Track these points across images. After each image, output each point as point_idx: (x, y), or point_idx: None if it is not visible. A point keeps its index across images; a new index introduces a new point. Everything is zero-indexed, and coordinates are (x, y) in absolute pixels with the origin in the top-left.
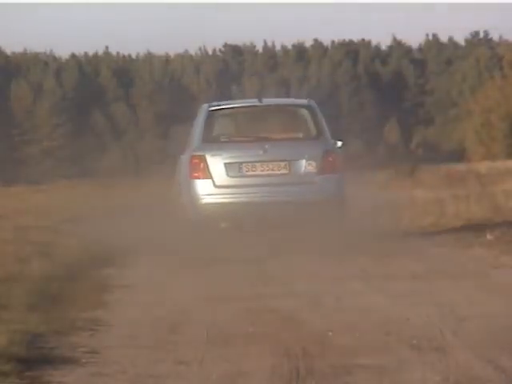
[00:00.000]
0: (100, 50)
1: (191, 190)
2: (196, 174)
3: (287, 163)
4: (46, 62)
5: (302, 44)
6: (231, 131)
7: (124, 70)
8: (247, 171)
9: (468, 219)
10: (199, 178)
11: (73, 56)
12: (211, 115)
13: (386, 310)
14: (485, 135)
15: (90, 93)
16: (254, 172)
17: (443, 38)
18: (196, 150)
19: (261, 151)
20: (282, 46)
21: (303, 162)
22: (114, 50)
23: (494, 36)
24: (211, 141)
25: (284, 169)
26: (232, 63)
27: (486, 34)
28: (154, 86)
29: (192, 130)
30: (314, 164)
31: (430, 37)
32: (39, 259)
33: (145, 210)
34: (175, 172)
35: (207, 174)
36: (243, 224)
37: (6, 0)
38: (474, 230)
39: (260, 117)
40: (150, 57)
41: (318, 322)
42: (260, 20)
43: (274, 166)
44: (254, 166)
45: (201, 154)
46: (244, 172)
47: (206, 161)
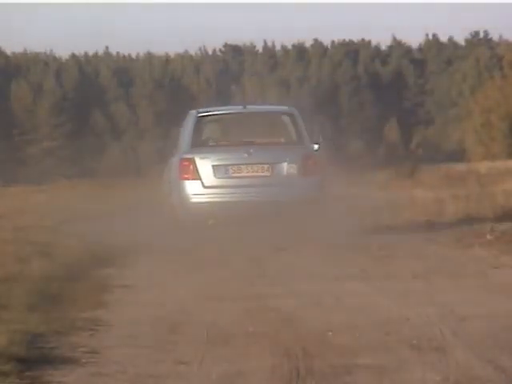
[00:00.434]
0: (100, 50)
1: (181, 190)
2: (186, 176)
3: (270, 166)
4: (46, 62)
5: (302, 44)
6: (218, 136)
7: (124, 70)
8: (233, 173)
9: (468, 219)
10: (189, 179)
11: (73, 56)
12: (199, 121)
13: (385, 310)
14: (485, 135)
15: (90, 93)
16: (239, 174)
17: (443, 38)
18: (186, 153)
19: (246, 154)
20: (282, 46)
21: (285, 165)
22: (114, 50)
23: (494, 36)
24: (200, 145)
25: (267, 171)
26: (232, 63)
27: (486, 33)
28: (153, 85)
29: (181, 134)
30: (295, 166)
31: (430, 37)
32: (39, 259)
33: (144, 210)
34: (164, 173)
35: (196, 176)
36: (229, 221)
37: (6, 0)
38: (473, 230)
39: (244, 122)
40: (149, 57)
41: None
42: (260, 20)
43: (257, 169)
44: (239, 169)
45: (190, 156)
46: (230, 174)
47: (195, 163)
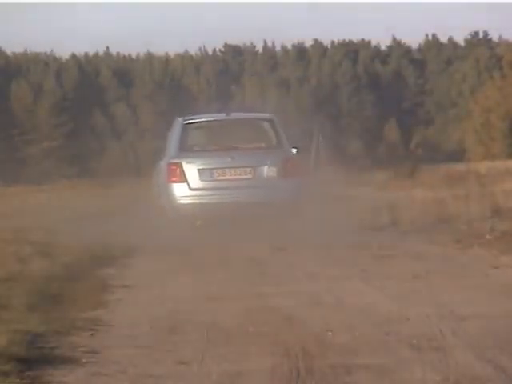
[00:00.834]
0: (100, 50)
1: (169, 192)
2: (173, 179)
3: (252, 169)
4: (46, 62)
5: (302, 44)
6: (203, 141)
7: (124, 70)
8: (218, 176)
9: (468, 219)
10: (176, 182)
11: (73, 56)
12: (186, 127)
13: (385, 310)
14: (484, 135)
15: (90, 93)
16: (223, 177)
17: (443, 38)
18: (173, 157)
19: (229, 159)
20: (282, 46)
21: (265, 168)
22: (114, 50)
23: (494, 36)
24: (186, 150)
25: (249, 174)
26: (232, 63)
27: (486, 34)
28: (153, 86)
29: (168, 140)
30: (275, 170)
31: (430, 37)
32: (39, 259)
33: (144, 210)
34: (153, 176)
35: (183, 179)
36: (214, 221)
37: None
38: (473, 230)
39: (228, 129)
40: (149, 57)
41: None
42: (260, 20)
43: (240, 172)
44: (223, 172)
45: (177, 161)
46: (215, 177)
47: (182, 167)
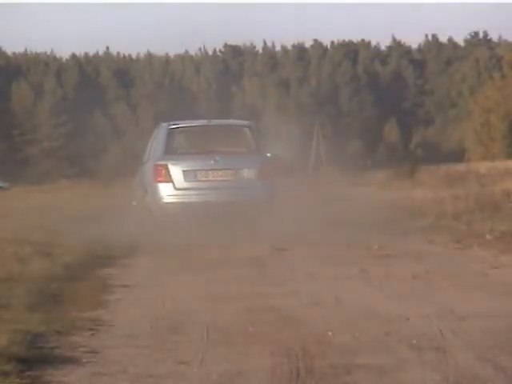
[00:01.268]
0: (100, 50)
1: (156, 191)
2: (160, 179)
3: (233, 171)
4: (46, 63)
5: (302, 44)
6: (187, 145)
7: (124, 70)
8: (201, 177)
9: (467, 219)
10: (162, 182)
11: (73, 56)
12: (171, 132)
13: (385, 310)
14: (484, 135)
15: (90, 93)
16: (206, 178)
17: (443, 39)
18: (160, 159)
19: (212, 161)
20: (282, 46)
21: (245, 171)
22: (114, 50)
23: (494, 36)
24: (172, 152)
25: (230, 176)
26: (232, 63)
27: (486, 34)
28: (154, 86)
29: (153, 143)
30: (254, 172)
31: (430, 37)
32: (39, 259)
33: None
34: (136, 177)
35: (169, 179)
36: (198, 219)
37: (6, 0)
38: (473, 230)
39: (209, 134)
40: (149, 57)
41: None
42: (260, 20)
43: (222, 174)
44: (206, 173)
45: (163, 163)
46: (198, 178)
47: (168, 168)
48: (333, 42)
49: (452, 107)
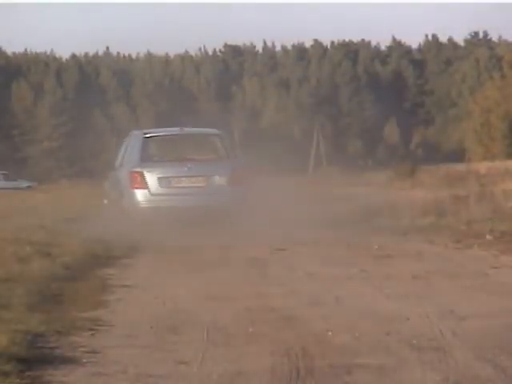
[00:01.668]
0: (100, 50)
1: (132, 197)
2: (136, 185)
3: (205, 178)
4: (46, 63)
5: (302, 44)
6: (161, 153)
7: (124, 70)
8: (175, 183)
9: (467, 219)
10: (138, 188)
11: (73, 56)
12: (145, 140)
13: (385, 310)
14: (484, 135)
15: (90, 93)
16: (180, 184)
17: (443, 38)
18: (135, 167)
19: (185, 168)
20: (282, 46)
21: (217, 177)
22: (114, 50)
23: (494, 36)
24: (147, 160)
25: (202, 182)
26: (232, 63)
27: (486, 34)
28: (154, 86)
29: (128, 150)
30: (225, 179)
31: (430, 37)
32: (39, 259)
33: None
34: (109, 182)
35: (144, 185)
36: (172, 222)
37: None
38: (473, 230)
39: (182, 142)
40: (149, 57)
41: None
42: (260, 20)
43: (195, 180)
44: (180, 180)
45: (139, 170)
46: (172, 184)
47: (144, 175)
48: (333, 42)
49: (452, 107)
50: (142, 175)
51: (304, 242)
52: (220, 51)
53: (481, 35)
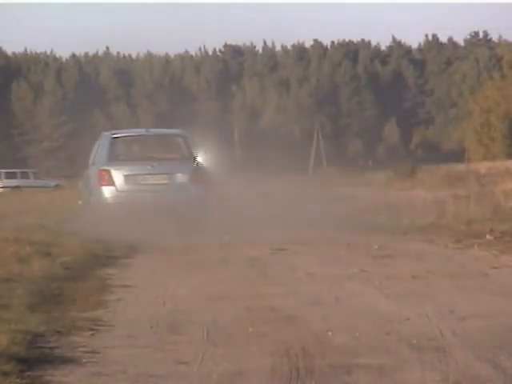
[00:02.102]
0: (100, 50)
1: (100, 193)
2: (104, 183)
3: (168, 176)
4: (46, 63)
5: (302, 44)
6: (128, 152)
7: (124, 70)
8: (140, 181)
9: (467, 219)
10: (106, 185)
11: (73, 56)
12: (113, 141)
13: (385, 310)
14: (484, 135)
15: (90, 93)
16: (145, 182)
17: (443, 38)
18: (103, 165)
19: (150, 167)
20: (282, 46)
21: (179, 175)
22: (114, 50)
23: (494, 36)
24: (114, 159)
25: (166, 180)
26: (232, 63)
27: (486, 34)
28: (154, 86)
29: (97, 151)
30: (186, 176)
31: (430, 37)
32: (39, 259)
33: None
34: (83, 181)
35: (112, 183)
36: (138, 218)
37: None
38: (473, 230)
39: (147, 142)
40: (150, 57)
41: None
42: (260, 20)
43: (158, 178)
44: (144, 178)
45: (107, 168)
46: (138, 181)
47: (111, 173)
48: (333, 42)
49: (452, 107)
50: (109, 173)
51: (304, 241)
52: (220, 51)
53: (481, 35)
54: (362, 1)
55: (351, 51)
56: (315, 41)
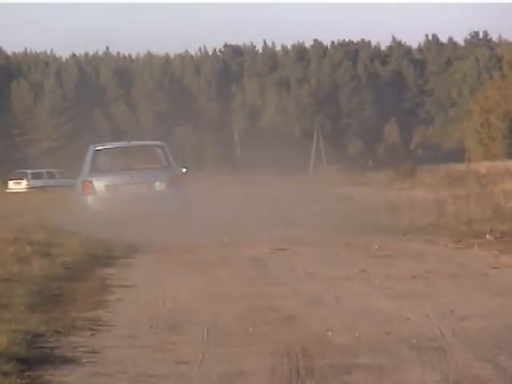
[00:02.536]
0: (100, 50)
1: (84, 201)
2: (87, 192)
3: (147, 184)
4: (46, 62)
5: (302, 44)
6: (109, 163)
7: (124, 70)
8: (120, 190)
9: (467, 219)
10: (89, 195)
11: (73, 56)
12: (96, 153)
13: (385, 310)
14: (484, 135)
15: (90, 93)
16: (124, 190)
17: (443, 38)
18: (86, 176)
19: (129, 176)
20: (282, 46)
21: (157, 183)
22: (114, 50)
23: (494, 36)
24: (96, 170)
25: (144, 188)
26: (232, 63)
27: (486, 34)
28: (154, 86)
29: (84, 163)
30: (164, 184)
31: (430, 37)
32: (39, 259)
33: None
34: (73, 192)
35: (94, 192)
36: (119, 224)
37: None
38: (473, 230)
39: (128, 153)
40: (150, 57)
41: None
42: (260, 20)
43: (138, 187)
44: (124, 187)
45: (90, 179)
46: (118, 190)
47: (93, 183)
48: (333, 42)
49: (452, 107)
50: (91, 183)
51: (304, 241)
52: (220, 51)
53: (481, 35)
54: (362, 1)
55: (351, 51)
56: (315, 41)
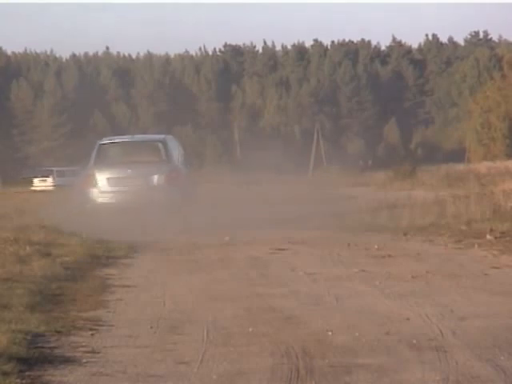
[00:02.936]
0: (100, 50)
1: (87, 194)
2: (89, 185)
3: (145, 178)
4: (46, 62)
5: (302, 44)
6: (113, 157)
7: (124, 70)
8: (121, 183)
9: (467, 219)
10: (91, 187)
11: (73, 56)
12: (100, 147)
13: (385, 310)
14: (484, 135)
15: (90, 93)
16: (124, 183)
17: (443, 38)
18: (90, 169)
19: (129, 170)
20: (282, 46)
21: (156, 177)
22: (114, 50)
23: (494, 36)
24: (100, 163)
25: (143, 181)
26: (232, 63)
27: (486, 34)
28: (154, 85)
29: (90, 157)
30: (163, 178)
31: (430, 37)
32: (39, 259)
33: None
34: (77, 183)
35: (96, 185)
36: (119, 215)
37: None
38: (473, 230)
39: (131, 147)
40: (150, 57)
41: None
42: (260, 20)
43: (137, 180)
44: (125, 180)
45: (92, 172)
46: (118, 183)
47: (95, 176)
48: (333, 42)
49: (452, 107)
50: (94, 176)
51: (304, 241)
52: (220, 51)
53: (481, 35)
54: (362, 1)
55: (351, 51)
56: (315, 41)
